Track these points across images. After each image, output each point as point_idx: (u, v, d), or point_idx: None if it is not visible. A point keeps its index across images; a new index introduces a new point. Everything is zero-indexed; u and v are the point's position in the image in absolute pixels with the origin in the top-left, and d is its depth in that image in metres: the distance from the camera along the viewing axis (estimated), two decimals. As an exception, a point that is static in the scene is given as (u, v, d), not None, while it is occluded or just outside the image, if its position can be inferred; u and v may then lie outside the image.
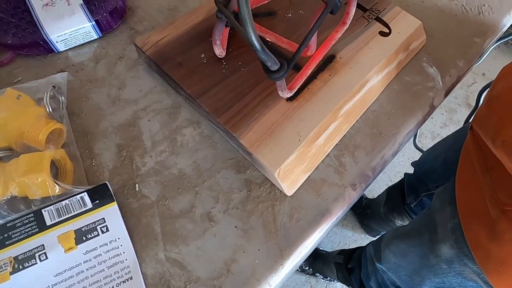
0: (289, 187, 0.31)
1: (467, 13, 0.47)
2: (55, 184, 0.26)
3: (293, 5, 0.40)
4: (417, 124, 0.38)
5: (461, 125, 1.38)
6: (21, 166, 0.25)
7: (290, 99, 0.33)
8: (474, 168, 0.41)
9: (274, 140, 0.31)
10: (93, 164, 0.30)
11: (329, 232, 0.32)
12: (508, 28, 0.53)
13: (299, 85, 0.33)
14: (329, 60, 0.37)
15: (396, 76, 0.40)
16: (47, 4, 0.35)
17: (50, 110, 0.29)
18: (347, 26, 0.35)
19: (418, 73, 0.41)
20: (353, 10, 0.34)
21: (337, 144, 0.34)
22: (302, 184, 0.32)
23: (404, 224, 0.89)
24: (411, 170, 0.83)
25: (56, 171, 0.28)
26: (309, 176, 0.32)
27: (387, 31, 0.40)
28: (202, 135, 0.33)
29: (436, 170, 0.67)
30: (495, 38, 0.48)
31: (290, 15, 0.39)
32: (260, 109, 0.32)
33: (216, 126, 0.33)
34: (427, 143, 1.22)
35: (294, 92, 0.33)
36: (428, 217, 0.49)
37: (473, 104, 1.47)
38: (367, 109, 0.37)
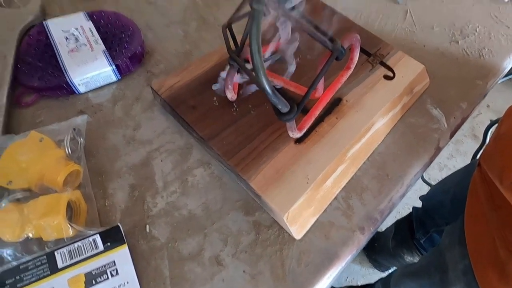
0: (297, 231, 0.31)
1: (468, 56, 0.49)
2: (70, 226, 0.27)
3: (300, 51, 0.42)
4: (423, 166, 0.38)
5: (468, 156, 1.38)
6: (39, 208, 0.26)
7: (298, 141, 0.34)
8: (482, 205, 0.41)
9: (283, 183, 0.31)
10: (106, 204, 0.31)
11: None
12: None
13: (308, 126, 0.34)
14: (336, 103, 0.38)
15: (401, 118, 0.41)
16: (72, 50, 0.38)
17: (69, 151, 0.31)
18: (352, 71, 0.37)
19: (422, 115, 0.42)
20: (356, 55, 0.36)
21: (344, 186, 0.35)
22: (310, 227, 0.32)
23: (414, 260, 0.86)
24: (418, 203, 0.82)
25: (70, 212, 0.28)
26: (317, 219, 0.33)
27: (391, 75, 0.41)
28: (212, 176, 0.34)
29: (445, 205, 0.67)
30: (497, 80, 0.50)
31: (297, 60, 0.41)
32: (269, 152, 0.33)
33: (226, 167, 0.34)
34: (434, 175, 1.21)
35: (303, 132, 0.34)
36: (438, 256, 0.48)
37: (479, 135, 1.47)
38: (373, 150, 0.38)
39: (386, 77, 0.41)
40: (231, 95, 0.35)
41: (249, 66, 0.34)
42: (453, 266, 0.42)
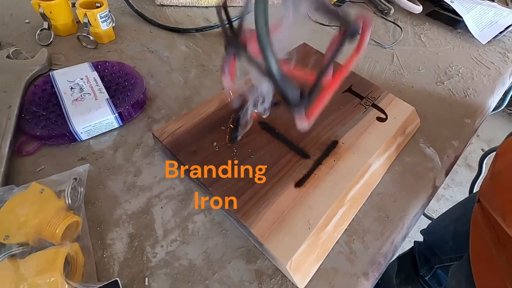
0: (301, 279, 0.30)
1: (454, 96, 0.52)
2: (66, 283, 0.26)
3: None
4: (422, 206, 0.38)
5: (463, 186, 1.38)
6: (36, 265, 0.25)
7: (298, 185, 0.35)
8: (487, 244, 0.40)
9: (284, 229, 0.31)
10: (104, 256, 0.30)
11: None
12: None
13: (317, 114, 0.29)
14: (332, 145, 0.39)
15: (397, 158, 0.42)
16: (76, 99, 0.39)
17: (69, 202, 0.30)
18: (360, 55, 0.31)
19: (417, 154, 0.43)
20: (367, 37, 0.30)
21: (346, 229, 0.35)
22: (314, 275, 0.31)
23: (420, 298, 0.83)
24: (419, 236, 0.81)
25: (67, 267, 0.28)
26: (320, 265, 0.32)
27: (384, 116, 0.43)
28: (213, 222, 0.34)
29: (447, 241, 0.66)
30: (484, 118, 0.52)
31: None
32: (270, 196, 0.33)
33: (226, 213, 0.34)
34: (432, 206, 1.20)
35: (311, 121, 0.29)
36: None
37: (472, 164, 1.49)
38: (372, 191, 0.38)
39: (379, 119, 0.43)
40: (227, 83, 0.32)
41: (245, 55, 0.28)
42: None
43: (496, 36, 0.64)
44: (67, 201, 0.30)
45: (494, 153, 0.65)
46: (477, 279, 0.39)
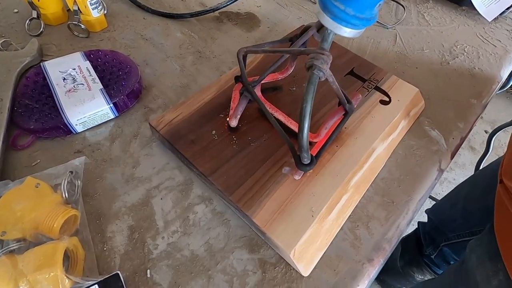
0: (305, 267, 0.30)
1: (459, 76, 0.50)
2: (66, 278, 0.25)
3: (296, 80, 0.43)
4: (428, 190, 0.38)
5: (466, 168, 1.37)
6: (34, 260, 0.25)
7: (300, 172, 0.34)
8: None
9: (287, 218, 0.31)
10: (105, 249, 0.30)
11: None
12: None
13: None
14: (335, 130, 0.38)
15: (401, 141, 0.41)
16: (70, 90, 0.38)
17: (66, 196, 0.30)
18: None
19: (421, 136, 0.42)
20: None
21: (350, 216, 0.34)
22: (318, 262, 0.31)
23: (425, 278, 0.84)
24: (423, 218, 0.81)
25: (67, 261, 0.27)
26: (324, 252, 0.32)
27: (387, 99, 0.42)
28: (214, 212, 0.33)
29: (455, 219, 0.66)
30: (491, 97, 0.50)
31: (294, 89, 0.42)
32: (271, 185, 0.33)
33: (228, 203, 0.33)
34: (435, 189, 1.20)
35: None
36: (465, 274, 0.47)
37: (475, 146, 1.47)
38: (376, 176, 0.37)
39: (382, 102, 0.41)
40: (235, 123, 0.36)
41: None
42: (485, 283, 0.41)
43: (503, 12, 0.61)
44: (63, 194, 0.30)
45: (501, 132, 0.63)
46: (505, 255, 0.39)
